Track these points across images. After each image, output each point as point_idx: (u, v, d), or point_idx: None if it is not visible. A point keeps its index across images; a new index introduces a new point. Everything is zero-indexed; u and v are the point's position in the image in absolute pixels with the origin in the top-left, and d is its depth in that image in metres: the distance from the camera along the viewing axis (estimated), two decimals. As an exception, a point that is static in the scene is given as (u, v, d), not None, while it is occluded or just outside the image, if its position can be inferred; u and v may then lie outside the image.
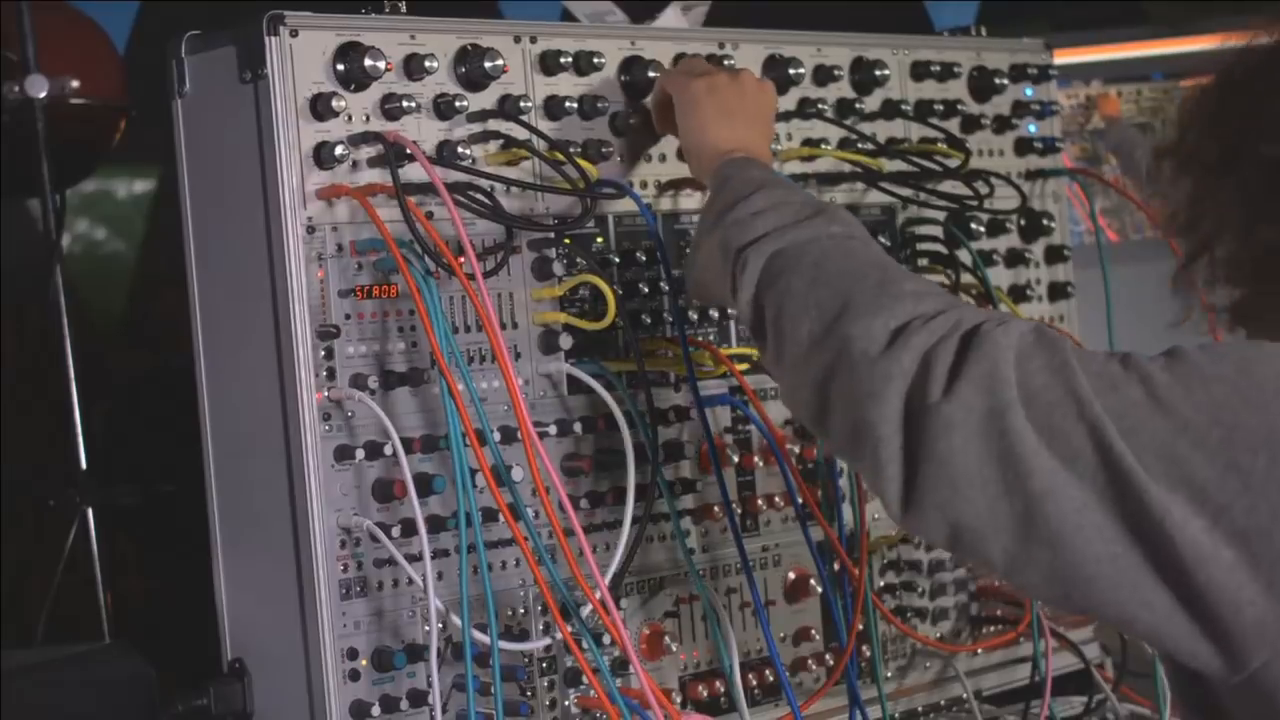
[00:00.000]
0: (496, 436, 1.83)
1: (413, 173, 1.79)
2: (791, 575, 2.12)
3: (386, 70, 1.81)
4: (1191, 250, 1.58)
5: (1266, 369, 1.38)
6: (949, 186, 2.22)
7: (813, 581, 2.11)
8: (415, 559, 1.78)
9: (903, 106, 2.25)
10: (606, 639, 1.89)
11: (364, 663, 1.79)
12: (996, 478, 1.38)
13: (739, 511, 2.06)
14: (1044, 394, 1.38)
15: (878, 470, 1.43)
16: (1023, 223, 2.39)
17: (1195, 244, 1.57)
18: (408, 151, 1.78)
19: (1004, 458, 1.37)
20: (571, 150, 1.91)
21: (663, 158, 2.04)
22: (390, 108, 1.82)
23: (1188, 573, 1.35)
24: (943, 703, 2.25)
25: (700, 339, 2.01)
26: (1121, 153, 3.27)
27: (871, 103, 2.23)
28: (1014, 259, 2.37)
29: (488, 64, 1.87)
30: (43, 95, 2.78)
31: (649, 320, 2.01)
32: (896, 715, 2.18)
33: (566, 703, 1.91)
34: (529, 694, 1.88)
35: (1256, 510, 1.34)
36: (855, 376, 1.45)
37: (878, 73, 2.21)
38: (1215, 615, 1.35)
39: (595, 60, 1.97)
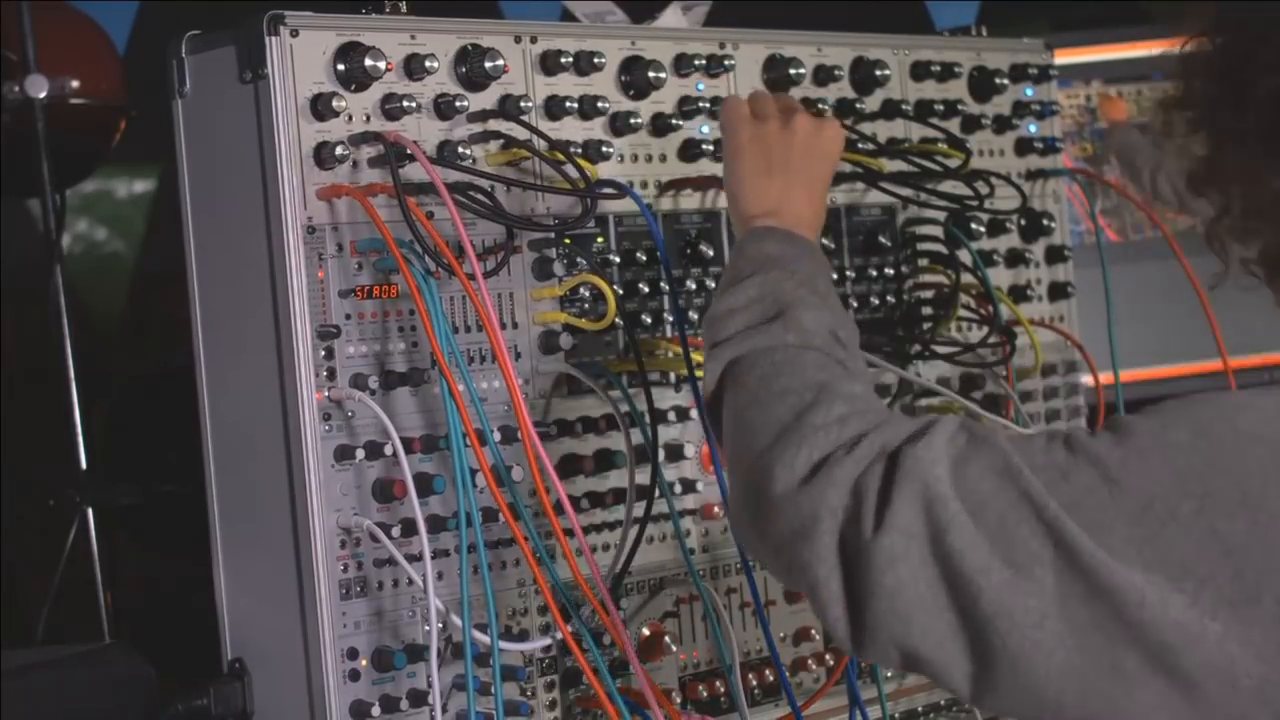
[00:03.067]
0: (496, 436, 1.83)
1: (413, 173, 1.79)
2: (792, 575, 2.11)
3: (387, 70, 1.81)
4: (1217, 204, 1.49)
5: (1223, 426, 1.31)
6: (949, 186, 2.22)
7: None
8: (415, 559, 1.78)
9: (903, 106, 2.25)
10: (606, 639, 1.89)
11: (364, 663, 1.79)
12: (947, 604, 1.31)
13: (739, 511, 2.06)
14: (993, 501, 1.31)
15: (821, 609, 1.36)
16: (1023, 223, 2.39)
17: (1219, 196, 1.49)
18: (408, 151, 1.78)
19: (951, 581, 1.30)
20: (571, 150, 1.91)
21: (663, 158, 2.04)
22: (390, 108, 1.82)
23: (1177, 657, 1.27)
24: (943, 702, 2.25)
25: (700, 339, 2.01)
26: (1124, 158, 3.27)
27: (872, 103, 2.23)
28: (1014, 259, 2.37)
29: (488, 64, 1.87)
30: (43, 95, 2.78)
31: (649, 320, 2.01)
32: (896, 715, 2.18)
33: (567, 703, 1.91)
34: (529, 694, 1.88)
35: (1242, 576, 1.27)
36: (781, 514, 1.38)
37: (878, 73, 2.21)
38: (1212, 698, 1.28)
39: (595, 60, 1.97)
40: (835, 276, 2.17)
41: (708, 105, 2.07)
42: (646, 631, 1.98)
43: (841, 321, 1.60)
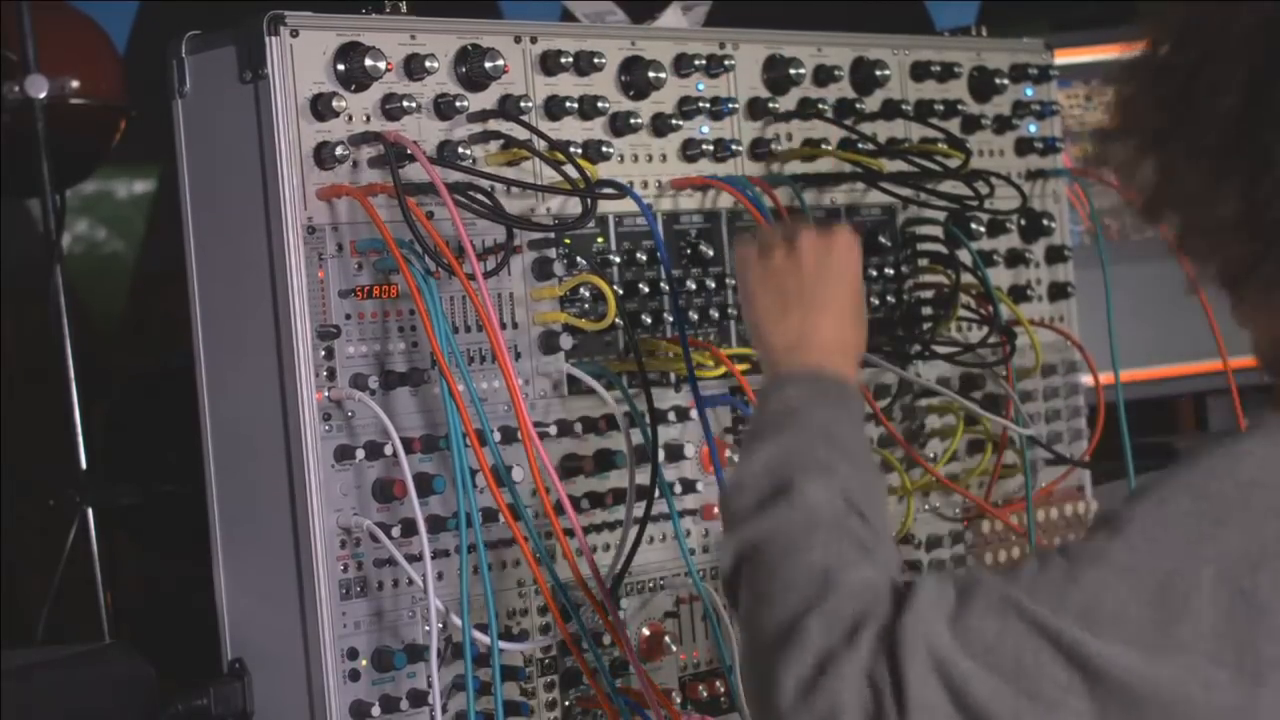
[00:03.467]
0: (496, 436, 1.82)
1: (413, 173, 1.79)
2: (792, 575, 2.11)
3: (387, 70, 1.81)
4: (1174, 226, 1.43)
5: (1222, 483, 1.28)
6: (949, 186, 2.22)
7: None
8: (415, 559, 1.78)
9: (903, 106, 2.25)
10: (606, 639, 1.89)
11: (364, 663, 1.79)
12: None
13: (739, 511, 2.06)
14: (1001, 642, 1.27)
15: None
16: (1023, 223, 2.39)
17: (1175, 219, 1.43)
18: (408, 151, 1.78)
19: None
20: (571, 150, 1.91)
21: (663, 158, 2.04)
22: (391, 108, 1.82)
23: None
24: (943, 703, 2.24)
25: (700, 339, 2.01)
26: None
27: (872, 103, 2.23)
28: (1014, 259, 2.37)
29: (488, 64, 1.87)
30: (43, 95, 2.77)
31: (649, 320, 2.01)
32: (896, 715, 2.17)
33: (567, 703, 1.91)
34: (529, 694, 1.88)
35: (1276, 634, 1.24)
36: (797, 714, 1.33)
37: (878, 73, 2.21)
38: None
39: (595, 60, 1.97)
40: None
41: (708, 105, 2.07)
42: (646, 631, 1.98)
43: (857, 478, 1.50)
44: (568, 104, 1.95)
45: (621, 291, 1.98)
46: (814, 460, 1.49)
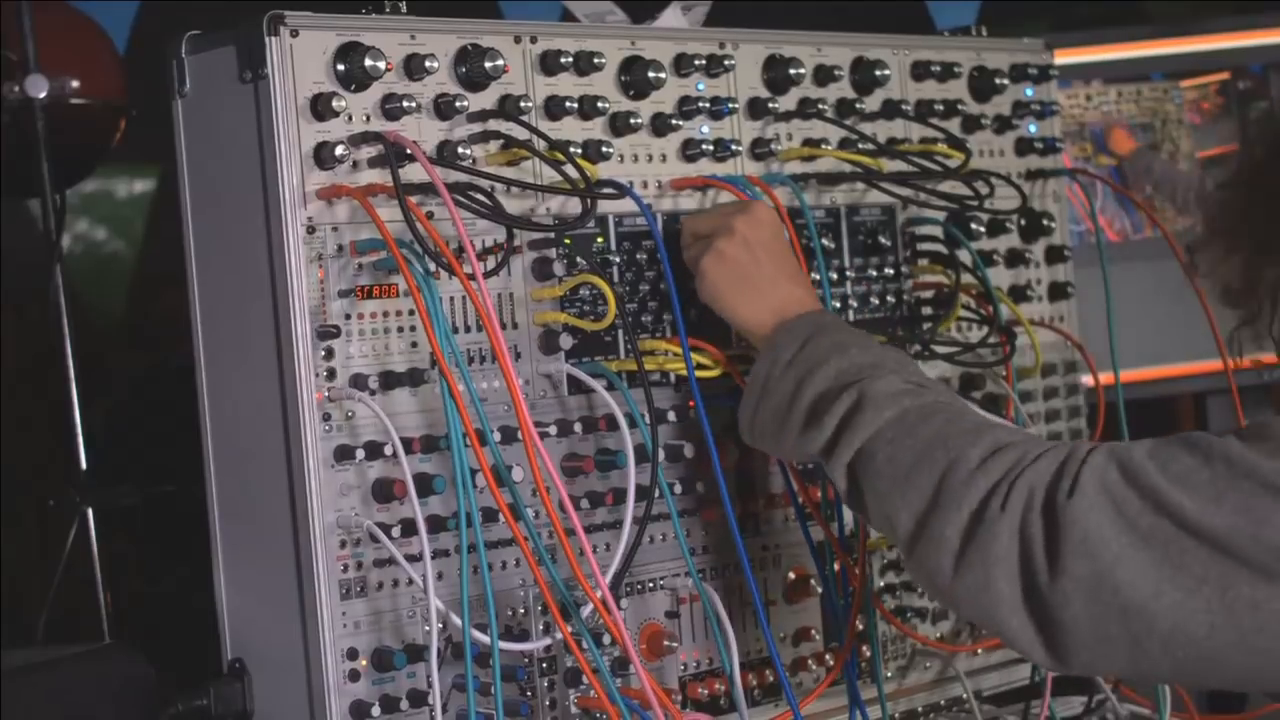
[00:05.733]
0: (496, 436, 1.83)
1: (413, 173, 1.79)
2: (791, 575, 2.12)
3: (387, 70, 1.81)
4: (1248, 315, 1.62)
5: None
6: (949, 186, 2.22)
7: (813, 581, 2.11)
8: (415, 559, 1.78)
9: (903, 106, 2.25)
10: (606, 639, 1.89)
11: (364, 663, 1.79)
12: (1123, 633, 1.43)
13: (739, 511, 2.06)
14: (1155, 534, 1.42)
15: (1016, 645, 1.50)
16: (1023, 223, 2.39)
17: (1250, 310, 1.61)
18: (408, 151, 1.78)
19: (1123, 613, 1.42)
20: (571, 150, 1.91)
21: (663, 158, 2.04)
22: (390, 108, 1.82)
23: None
24: (943, 703, 2.25)
25: (700, 339, 2.01)
26: (1162, 189, 3.27)
27: (872, 103, 2.23)
28: (1014, 259, 2.37)
29: (488, 64, 1.87)
30: (43, 95, 2.77)
31: (649, 320, 2.01)
32: (896, 715, 2.18)
33: (566, 703, 1.91)
34: (529, 694, 1.88)
35: None
36: (959, 580, 1.52)
37: (878, 73, 2.21)
38: None
39: (595, 60, 1.97)
40: (835, 276, 2.17)
41: (707, 105, 2.07)
42: (646, 631, 1.98)
43: (898, 361, 1.75)
44: (568, 104, 1.95)
45: (622, 291, 1.98)
46: (864, 371, 1.71)
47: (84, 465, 2.78)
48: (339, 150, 1.78)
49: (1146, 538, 1.42)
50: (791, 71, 2.14)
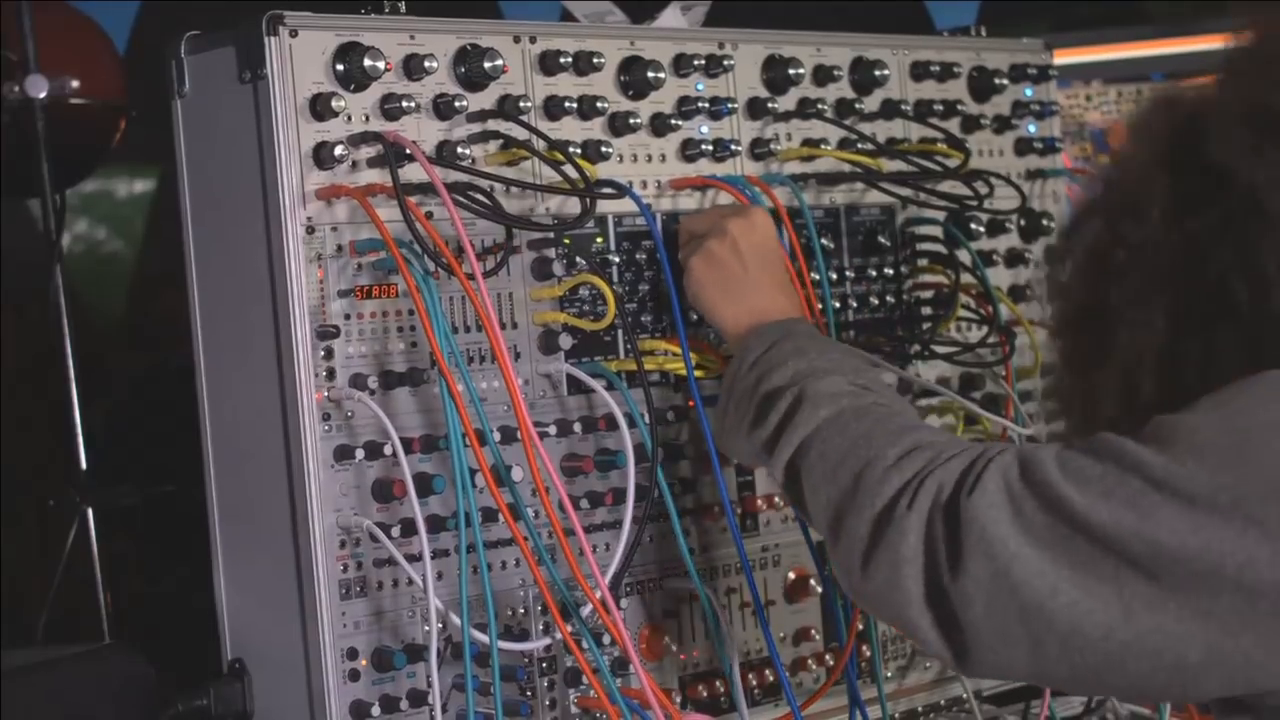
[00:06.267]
0: (496, 436, 1.83)
1: (412, 173, 1.79)
2: (791, 575, 2.12)
3: (386, 70, 1.81)
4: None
5: (1247, 420, 1.38)
6: (949, 186, 2.22)
7: (813, 581, 2.11)
8: (415, 559, 1.78)
9: (903, 106, 2.25)
10: (606, 639, 1.89)
11: (364, 663, 1.79)
12: (1023, 634, 1.41)
13: (739, 511, 2.06)
14: (1049, 533, 1.39)
15: (925, 648, 1.48)
16: (1023, 223, 2.39)
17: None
18: (407, 151, 1.78)
19: (1023, 613, 1.40)
20: (571, 150, 1.91)
21: (663, 158, 2.04)
22: (390, 108, 1.82)
23: (1250, 604, 1.34)
24: (943, 703, 2.25)
25: (700, 339, 2.01)
26: None
27: (871, 103, 2.23)
28: (1014, 259, 2.37)
29: (487, 64, 1.87)
30: (43, 95, 2.78)
31: (648, 320, 2.01)
32: (896, 715, 2.18)
33: (566, 703, 1.91)
34: (529, 694, 1.88)
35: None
36: (869, 576, 1.50)
37: (878, 73, 2.21)
38: None
39: (595, 60, 1.97)
40: (835, 276, 2.17)
41: (707, 105, 2.07)
42: (646, 631, 1.98)
43: (853, 366, 1.74)
44: (567, 104, 1.95)
45: (621, 291, 1.98)
46: (815, 369, 1.72)
47: (84, 465, 2.78)
48: (338, 150, 1.78)
49: (1040, 536, 1.39)
50: (791, 71, 2.14)
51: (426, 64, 1.83)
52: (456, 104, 1.86)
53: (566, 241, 1.94)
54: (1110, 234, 1.53)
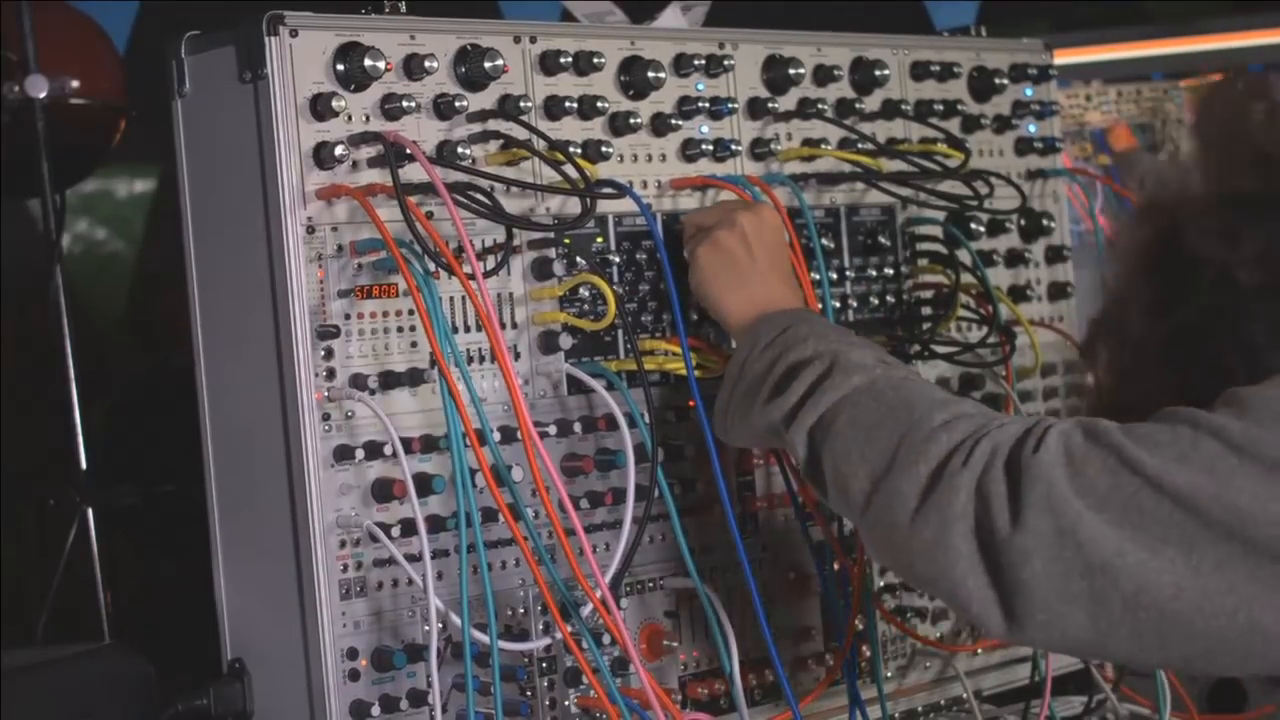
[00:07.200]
0: (496, 436, 1.83)
1: (413, 173, 1.79)
2: (791, 575, 2.12)
3: (386, 70, 1.81)
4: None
5: None
6: (949, 186, 2.22)
7: (813, 581, 2.11)
8: (415, 559, 1.78)
9: (903, 106, 2.25)
10: (606, 639, 1.89)
11: (364, 663, 1.79)
12: (1086, 590, 1.40)
13: (739, 511, 2.06)
14: (1114, 495, 1.40)
15: (969, 608, 1.46)
16: (1023, 223, 2.39)
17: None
18: (407, 151, 1.78)
19: (1087, 570, 1.40)
20: (571, 150, 1.91)
21: (663, 158, 2.04)
22: (390, 108, 1.82)
23: None
24: (943, 703, 2.25)
25: (700, 339, 2.01)
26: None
27: (871, 103, 2.23)
28: (1014, 259, 2.37)
29: (488, 64, 1.87)
30: (43, 95, 2.78)
31: (649, 320, 2.01)
32: (896, 715, 2.18)
33: (566, 703, 1.91)
34: (529, 694, 1.88)
35: None
36: (915, 533, 1.49)
37: (878, 73, 2.21)
38: None
39: (595, 60, 1.97)
40: (835, 276, 2.17)
41: (707, 105, 2.07)
42: (646, 631, 1.98)
43: (879, 350, 1.74)
44: (567, 104, 1.95)
45: (621, 291, 1.98)
46: (839, 345, 1.71)
47: (84, 465, 2.78)
48: (338, 150, 1.78)
49: (1105, 498, 1.40)
50: (791, 71, 2.14)
51: (427, 64, 1.83)
52: (457, 104, 1.86)
53: (567, 241, 1.94)
54: (1117, 339, 1.60)
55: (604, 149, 1.97)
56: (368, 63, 1.79)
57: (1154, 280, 1.56)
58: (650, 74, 2.00)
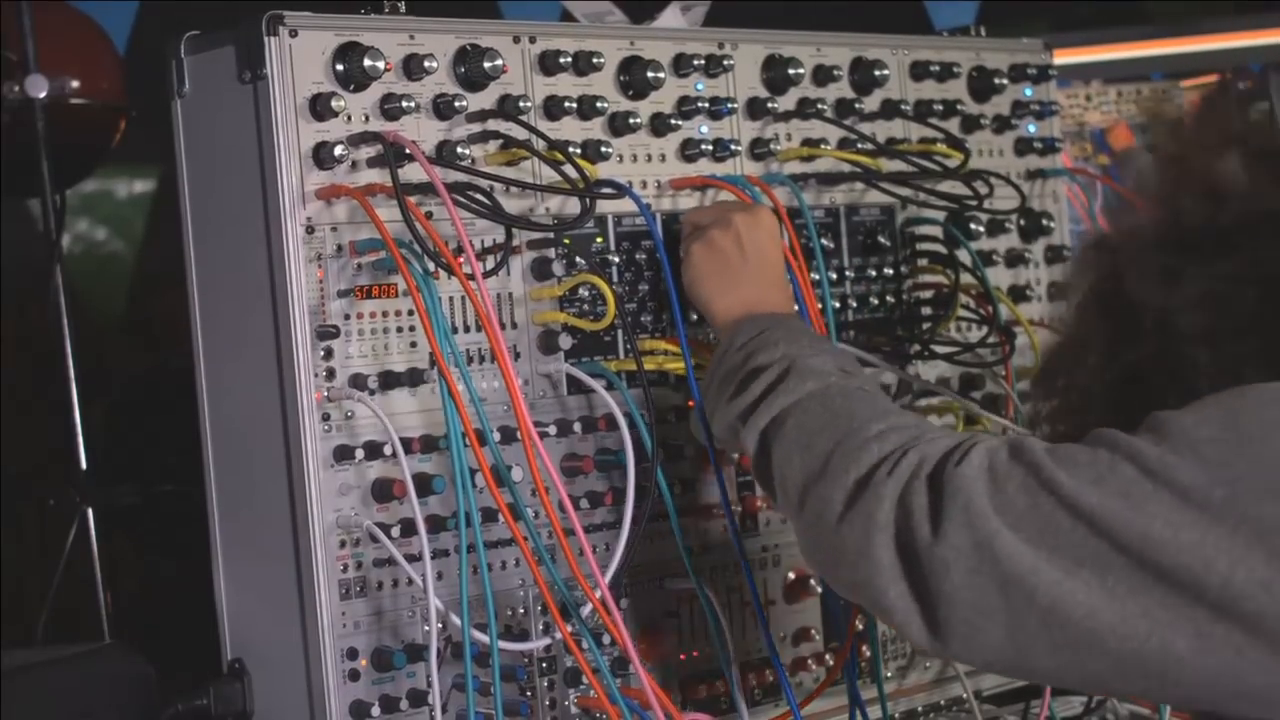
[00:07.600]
0: (496, 436, 1.83)
1: (412, 173, 1.79)
2: (791, 575, 2.12)
3: (386, 70, 1.81)
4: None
5: (1249, 419, 1.38)
6: (949, 186, 2.22)
7: (813, 581, 2.11)
8: (415, 559, 1.78)
9: (902, 106, 2.25)
10: (606, 639, 1.89)
11: (364, 663, 1.80)
12: (1002, 605, 1.39)
13: (739, 511, 2.06)
14: (1030, 514, 1.39)
15: (892, 618, 1.46)
16: (1022, 223, 2.39)
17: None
18: (407, 151, 1.78)
19: (1004, 585, 1.39)
20: (571, 150, 1.91)
21: (663, 158, 2.04)
22: (390, 108, 1.83)
23: (1236, 604, 1.34)
24: (943, 703, 2.25)
25: (700, 339, 2.01)
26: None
27: (871, 103, 2.23)
28: (1014, 259, 2.37)
29: (487, 64, 1.87)
30: (43, 95, 2.78)
31: (648, 320, 2.01)
32: (896, 715, 2.18)
33: (566, 703, 1.91)
34: (529, 694, 1.88)
35: (1276, 556, 1.33)
36: (841, 539, 1.49)
37: (877, 73, 2.21)
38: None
39: (595, 60, 1.97)
40: (835, 276, 2.17)
41: (706, 105, 2.07)
42: (647, 631, 1.98)
43: (843, 359, 1.74)
44: (566, 104, 1.95)
45: (621, 291, 1.98)
46: (799, 351, 1.72)
47: (84, 465, 2.78)
48: (338, 150, 1.78)
49: (1022, 516, 1.39)
50: (791, 71, 2.14)
51: (426, 64, 1.83)
52: (456, 104, 1.86)
53: (566, 241, 1.94)
54: (1066, 380, 1.59)
55: (603, 149, 1.97)
56: (367, 63, 1.79)
57: (1102, 324, 1.56)
58: (650, 74, 2.00)
